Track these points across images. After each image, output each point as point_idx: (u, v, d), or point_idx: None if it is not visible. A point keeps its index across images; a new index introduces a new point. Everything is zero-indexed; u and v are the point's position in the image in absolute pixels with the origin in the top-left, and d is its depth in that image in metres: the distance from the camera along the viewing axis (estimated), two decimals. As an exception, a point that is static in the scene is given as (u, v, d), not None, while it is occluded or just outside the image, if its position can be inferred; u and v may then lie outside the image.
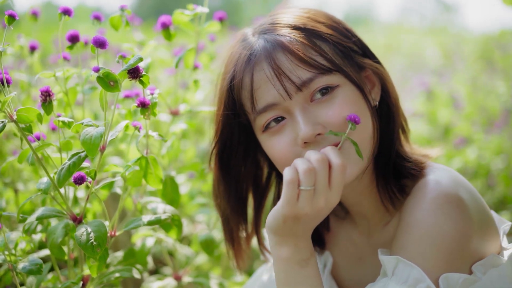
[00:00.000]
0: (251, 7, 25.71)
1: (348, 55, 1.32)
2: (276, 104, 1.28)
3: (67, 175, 1.21)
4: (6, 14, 1.29)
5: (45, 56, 2.86)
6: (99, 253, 1.21)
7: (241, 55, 1.33)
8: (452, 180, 1.28)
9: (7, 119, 1.24)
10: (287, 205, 1.17)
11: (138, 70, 1.22)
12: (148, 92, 1.28)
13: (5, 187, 1.91)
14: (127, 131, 1.31)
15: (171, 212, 1.44)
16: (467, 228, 1.22)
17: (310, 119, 1.26)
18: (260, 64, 1.29)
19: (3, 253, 1.32)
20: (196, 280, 1.75)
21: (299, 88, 1.26)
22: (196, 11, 1.56)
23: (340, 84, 1.28)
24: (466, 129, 3.69)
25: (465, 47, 7.20)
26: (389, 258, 1.23)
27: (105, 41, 1.24)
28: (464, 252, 1.22)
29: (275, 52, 1.28)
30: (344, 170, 1.17)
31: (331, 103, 1.26)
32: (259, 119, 1.32)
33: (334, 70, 1.27)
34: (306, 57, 1.26)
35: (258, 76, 1.29)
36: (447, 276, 1.19)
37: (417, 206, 1.26)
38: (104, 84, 1.20)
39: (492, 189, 3.15)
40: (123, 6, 1.50)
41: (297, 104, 1.27)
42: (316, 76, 1.26)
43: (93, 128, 1.20)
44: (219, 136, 1.42)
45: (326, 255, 1.55)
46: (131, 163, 1.31)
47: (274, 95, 1.28)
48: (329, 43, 1.30)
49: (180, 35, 1.75)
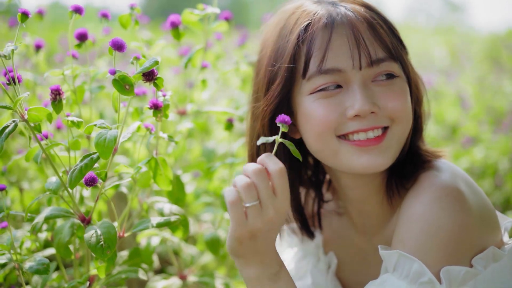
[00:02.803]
0: (258, 7, 25.70)
1: (403, 48, 1.34)
2: (342, 71, 1.26)
3: (79, 176, 1.20)
4: (19, 12, 1.28)
5: (51, 56, 2.86)
6: (109, 255, 1.21)
7: (319, 13, 1.30)
8: (451, 173, 1.29)
9: (19, 118, 1.24)
10: (238, 226, 1.14)
11: (153, 73, 1.21)
12: (160, 94, 1.27)
13: (11, 186, 1.91)
14: (138, 132, 1.30)
15: (177, 212, 1.43)
16: (466, 221, 1.22)
17: (369, 96, 1.26)
18: (342, 28, 1.27)
19: (9, 252, 1.31)
20: (201, 279, 1.74)
21: (371, 64, 1.26)
22: (206, 12, 1.56)
23: (399, 74, 1.30)
24: (473, 128, 3.68)
25: (472, 46, 7.19)
26: (389, 253, 1.23)
27: (124, 44, 1.22)
28: (464, 245, 1.22)
29: (359, 22, 1.27)
30: (283, 173, 1.14)
31: (391, 90, 1.28)
32: (316, 80, 1.27)
33: (399, 60, 1.29)
34: (383, 38, 1.27)
35: (337, 38, 1.27)
36: (448, 269, 1.18)
37: (416, 200, 1.26)
38: (120, 87, 1.19)
39: (500, 189, 3.14)
40: (132, 4, 1.50)
41: (361, 78, 1.26)
42: (387, 59, 1.27)
43: (106, 130, 1.19)
44: (278, 91, 1.34)
45: (330, 256, 1.54)
46: (141, 165, 1.30)
47: (345, 61, 1.26)
48: (394, 33, 1.32)
49: (186, 34, 1.74)
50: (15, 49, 1.22)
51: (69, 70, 1.48)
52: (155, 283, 1.70)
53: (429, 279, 1.17)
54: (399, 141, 1.30)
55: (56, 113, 1.28)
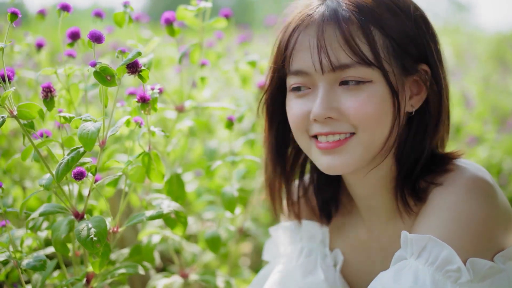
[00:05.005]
0: (263, 7, 25.69)
1: (399, 54, 1.27)
2: (307, 73, 1.28)
3: (65, 169, 1.21)
4: (8, 12, 1.29)
5: (54, 55, 2.87)
6: (100, 249, 1.21)
7: (300, 13, 1.31)
8: (478, 169, 1.28)
9: (8, 114, 1.24)
10: None
11: (137, 64, 1.22)
12: (148, 87, 1.28)
13: (13, 185, 1.91)
14: (128, 126, 1.30)
15: (175, 208, 1.44)
16: (495, 213, 1.22)
17: (328, 101, 1.25)
18: (311, 29, 1.27)
19: (8, 250, 1.32)
20: (203, 278, 1.74)
21: (333, 69, 1.24)
22: (199, 6, 1.56)
23: (374, 80, 1.25)
24: (477, 128, 3.66)
25: (478, 46, 7.16)
26: (419, 237, 1.20)
27: (101, 35, 1.24)
28: (491, 238, 1.22)
29: (328, 24, 1.25)
30: None
31: (357, 95, 1.25)
32: (290, 79, 1.33)
33: (374, 65, 1.24)
34: (352, 42, 1.23)
35: (303, 40, 1.28)
36: (474, 261, 1.18)
37: (447, 190, 1.26)
38: (101, 79, 1.20)
39: (504, 188, 3.13)
40: (126, 2, 1.50)
41: (325, 82, 1.26)
42: (354, 65, 1.24)
43: (91, 123, 1.20)
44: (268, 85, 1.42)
45: (336, 253, 1.53)
46: (133, 159, 1.31)
47: (308, 65, 1.27)
48: (385, 35, 1.26)
49: (189, 34, 1.74)
50: (4, 47, 1.23)
51: (62, 69, 1.49)
52: (156, 281, 1.71)
53: (457, 267, 1.15)
54: (368, 148, 1.28)
55: (48, 110, 1.29)
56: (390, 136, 1.29)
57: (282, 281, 1.51)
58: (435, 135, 1.34)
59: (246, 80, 2.00)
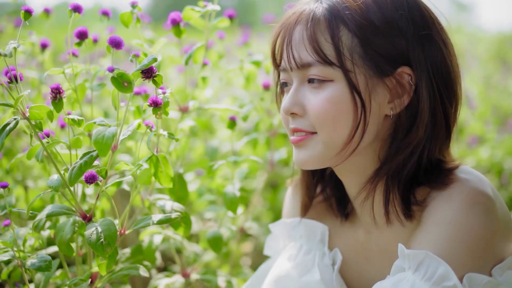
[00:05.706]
0: (266, 7, 25.69)
1: (369, 55, 1.24)
2: (286, 69, 1.33)
3: (78, 174, 1.21)
4: (22, 9, 1.30)
5: (57, 55, 2.88)
6: (109, 252, 1.21)
7: (289, 13, 1.35)
8: (480, 180, 1.27)
9: (20, 116, 1.25)
10: None
11: (152, 70, 1.22)
12: (160, 91, 1.28)
13: (16, 184, 1.92)
14: (139, 129, 1.31)
15: (179, 209, 1.44)
16: (495, 228, 1.21)
17: (296, 97, 1.30)
18: (287, 29, 1.32)
19: (12, 249, 1.32)
20: (204, 277, 1.75)
21: (298, 67, 1.29)
22: (207, 9, 1.56)
23: (336, 79, 1.25)
24: (479, 128, 3.66)
25: (479, 46, 7.16)
26: (416, 253, 1.20)
27: (121, 41, 1.25)
28: (489, 252, 1.21)
29: (300, 23, 1.29)
30: None
31: (318, 94, 1.27)
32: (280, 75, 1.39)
33: (335, 65, 1.24)
34: (314, 41, 1.25)
35: (283, 39, 1.33)
36: (471, 276, 1.18)
37: (447, 205, 1.24)
38: (118, 85, 1.20)
39: (505, 188, 3.13)
40: (133, 2, 1.50)
41: (297, 78, 1.31)
42: (315, 64, 1.26)
43: (105, 127, 1.20)
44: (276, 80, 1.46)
45: (335, 252, 1.53)
46: (142, 162, 1.31)
47: (284, 62, 1.33)
48: (355, 35, 1.24)
49: (189, 34, 1.75)
50: (17, 47, 1.23)
51: (70, 69, 1.49)
52: (158, 281, 1.71)
53: (454, 284, 1.15)
54: (328, 146, 1.29)
55: (57, 112, 1.29)
56: (354, 136, 1.27)
57: (279, 279, 1.52)
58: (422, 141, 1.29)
59: (250, 80, 2.00)
